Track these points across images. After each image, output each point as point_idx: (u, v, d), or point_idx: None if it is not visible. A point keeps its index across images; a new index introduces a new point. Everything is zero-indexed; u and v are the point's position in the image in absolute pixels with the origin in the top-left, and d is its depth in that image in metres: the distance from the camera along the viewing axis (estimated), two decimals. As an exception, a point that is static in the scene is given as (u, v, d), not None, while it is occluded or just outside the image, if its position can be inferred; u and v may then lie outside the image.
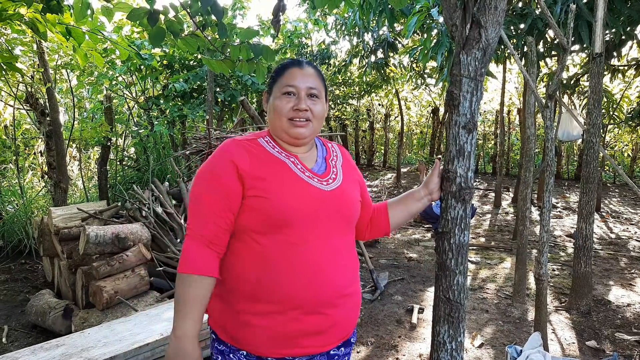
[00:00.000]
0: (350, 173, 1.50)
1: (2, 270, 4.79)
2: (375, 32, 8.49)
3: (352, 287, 1.39)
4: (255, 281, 1.28)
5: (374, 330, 3.59)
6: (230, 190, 1.29)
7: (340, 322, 1.36)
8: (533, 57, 3.66)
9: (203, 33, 2.39)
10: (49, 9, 2.59)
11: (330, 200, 1.35)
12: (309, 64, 1.43)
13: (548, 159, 2.94)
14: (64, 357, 2.00)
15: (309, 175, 1.36)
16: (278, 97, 1.38)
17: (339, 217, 1.36)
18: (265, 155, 1.36)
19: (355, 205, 1.43)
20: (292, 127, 1.36)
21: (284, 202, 1.27)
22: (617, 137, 13.62)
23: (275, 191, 1.28)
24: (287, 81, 1.37)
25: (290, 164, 1.36)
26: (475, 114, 1.57)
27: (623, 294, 4.39)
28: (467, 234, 1.62)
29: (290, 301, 1.27)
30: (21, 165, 6.88)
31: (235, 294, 1.32)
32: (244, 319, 1.30)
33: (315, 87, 1.39)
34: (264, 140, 1.41)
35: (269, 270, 1.27)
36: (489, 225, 7.53)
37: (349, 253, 1.41)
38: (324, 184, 1.37)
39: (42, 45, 5.35)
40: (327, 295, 1.31)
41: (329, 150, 1.53)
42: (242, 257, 1.31)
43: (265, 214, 1.27)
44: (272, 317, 1.28)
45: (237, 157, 1.31)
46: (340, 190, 1.39)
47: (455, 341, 1.64)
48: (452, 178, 1.60)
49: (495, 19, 1.50)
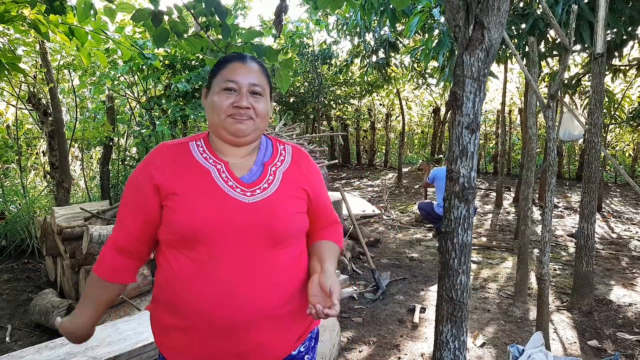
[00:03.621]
0: (295, 181, 1.34)
1: (5, 270, 4.81)
2: (377, 32, 8.49)
3: (286, 307, 1.26)
4: (172, 296, 1.24)
5: (375, 330, 3.60)
6: (146, 201, 1.25)
7: (268, 345, 1.25)
8: (534, 57, 3.66)
9: (206, 34, 2.40)
10: (52, 10, 2.61)
11: (251, 213, 1.22)
12: (253, 59, 1.33)
13: (550, 158, 2.94)
14: (69, 355, 2.02)
15: (232, 184, 1.25)
16: (217, 93, 1.27)
17: (261, 230, 1.22)
18: (189, 162, 1.28)
19: (285, 217, 1.26)
20: (232, 124, 1.26)
21: (194, 216, 1.19)
22: (619, 137, 13.61)
23: (186, 204, 1.21)
24: (228, 76, 1.27)
25: (214, 172, 1.26)
26: (478, 115, 1.58)
27: (624, 293, 4.39)
28: (470, 233, 1.63)
29: (203, 319, 1.20)
30: (24, 165, 6.89)
31: (160, 306, 1.29)
32: (164, 328, 1.28)
33: (258, 83, 1.28)
34: (196, 144, 1.33)
35: (182, 286, 1.21)
36: (491, 225, 7.54)
37: (288, 270, 1.27)
38: (248, 194, 1.24)
39: (44, 45, 5.36)
40: (245, 316, 1.20)
41: (276, 154, 1.38)
42: (162, 270, 1.27)
43: (175, 228, 1.20)
44: (189, 334, 1.22)
45: (157, 167, 1.26)
46: (268, 201, 1.25)
47: (458, 340, 1.65)
48: (455, 178, 1.61)
49: (498, 20, 1.51)
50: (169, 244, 1.24)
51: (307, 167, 1.40)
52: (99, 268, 1.30)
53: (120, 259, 1.30)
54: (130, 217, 1.28)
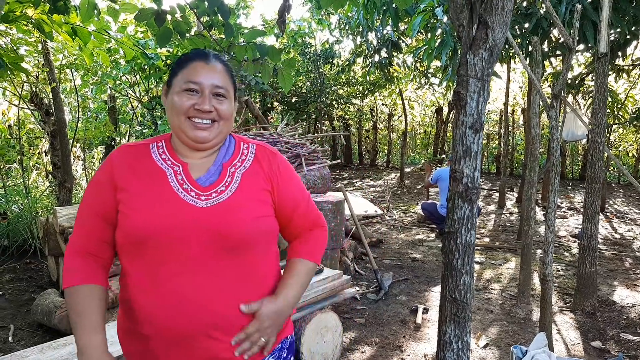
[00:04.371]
0: (256, 182, 1.26)
1: (8, 270, 4.81)
2: (379, 31, 8.49)
3: (242, 318, 1.19)
4: (126, 301, 1.20)
5: (378, 331, 3.59)
6: (103, 202, 1.20)
7: (226, 357, 1.18)
8: (538, 57, 3.65)
9: (209, 33, 2.40)
10: (56, 10, 2.61)
11: (203, 218, 1.15)
12: (216, 57, 1.26)
13: (553, 159, 2.93)
14: (72, 355, 2.01)
15: (187, 187, 1.19)
16: (178, 93, 1.20)
17: (214, 237, 1.15)
18: (147, 164, 1.23)
19: (241, 222, 1.17)
20: (193, 129, 1.20)
21: (145, 218, 1.14)
22: (622, 137, 13.59)
23: (136, 207, 1.16)
24: (190, 77, 1.20)
25: (170, 174, 1.21)
26: (482, 114, 1.57)
27: (628, 294, 4.38)
28: (474, 234, 1.62)
29: (156, 327, 1.15)
30: (26, 165, 6.91)
31: (121, 310, 1.24)
32: (124, 333, 1.23)
33: (222, 85, 1.22)
34: (156, 145, 1.27)
35: (134, 293, 1.17)
36: (493, 226, 7.52)
37: (240, 279, 1.19)
38: (203, 198, 1.18)
39: (47, 45, 5.37)
40: (196, 325, 1.14)
41: (237, 154, 1.30)
42: (121, 275, 1.23)
43: (126, 231, 1.15)
44: (146, 341, 1.17)
45: (115, 167, 1.22)
46: (223, 205, 1.18)
47: (461, 341, 1.64)
48: (458, 178, 1.60)
49: (502, 20, 1.50)
50: (122, 249, 1.19)
51: (271, 166, 1.30)
52: (72, 278, 1.20)
53: (86, 262, 1.23)
54: (89, 220, 1.23)
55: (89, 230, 1.23)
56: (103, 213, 1.20)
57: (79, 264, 1.22)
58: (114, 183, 1.19)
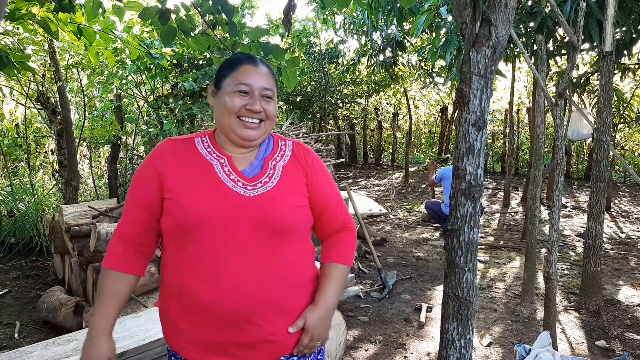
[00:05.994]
0: (295, 175, 1.36)
1: (14, 267, 4.85)
2: (384, 30, 8.48)
3: (288, 300, 1.30)
4: (178, 286, 1.27)
5: (381, 329, 3.59)
6: (148, 192, 1.29)
7: (272, 338, 1.28)
8: (543, 56, 3.64)
9: (213, 32, 2.41)
10: (61, 8, 2.63)
11: (250, 207, 1.24)
12: (262, 62, 1.36)
13: (558, 157, 2.93)
14: (76, 352, 2.03)
15: (234, 178, 1.29)
16: (229, 94, 1.29)
17: (261, 225, 1.24)
18: (194, 156, 1.32)
19: (284, 210, 1.27)
20: (242, 128, 1.29)
21: (196, 206, 1.22)
22: (628, 136, 13.49)
23: (189, 195, 1.24)
24: (241, 79, 1.29)
25: (217, 166, 1.30)
26: (485, 112, 1.58)
27: (633, 293, 4.36)
28: (477, 231, 1.62)
29: (207, 312, 1.24)
30: (32, 164, 6.95)
31: (167, 297, 1.32)
32: (174, 321, 1.30)
33: (269, 87, 1.32)
34: (201, 139, 1.37)
35: (186, 278, 1.25)
36: (498, 225, 7.50)
37: (287, 263, 1.29)
38: (249, 188, 1.27)
39: (53, 44, 5.40)
40: (247, 308, 1.23)
41: (276, 149, 1.40)
42: (168, 262, 1.31)
43: (177, 219, 1.23)
44: (194, 325, 1.26)
45: (161, 159, 1.31)
46: (268, 195, 1.27)
47: (464, 338, 1.65)
48: (461, 175, 1.60)
49: (506, 17, 1.50)
50: (172, 236, 1.27)
51: (307, 161, 1.40)
52: (109, 261, 1.31)
53: (128, 250, 1.32)
54: (134, 209, 1.32)
55: (133, 219, 1.32)
56: (147, 203, 1.29)
57: (120, 251, 1.32)
58: (160, 174, 1.28)
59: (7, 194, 6.14)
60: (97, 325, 1.28)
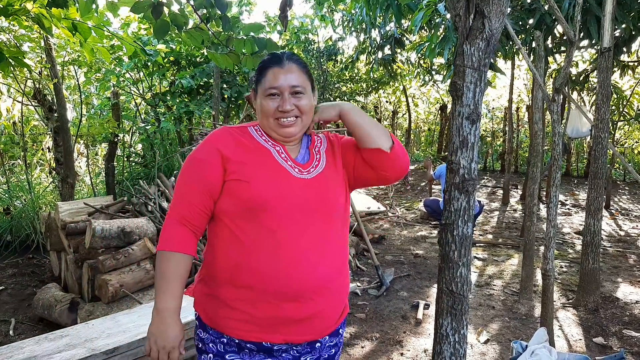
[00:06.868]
0: (335, 159, 1.48)
1: (10, 265, 4.84)
2: (382, 28, 8.45)
3: (338, 279, 1.39)
4: (234, 265, 1.32)
5: (379, 326, 3.58)
6: (211, 174, 1.33)
7: (323, 313, 1.37)
8: (541, 52, 3.62)
9: (207, 26, 2.39)
10: (55, 3, 2.60)
11: (311, 187, 1.36)
12: (289, 58, 1.40)
13: (554, 153, 2.91)
14: (68, 347, 2.01)
15: (291, 164, 1.39)
16: (263, 99, 1.38)
17: (320, 204, 1.36)
18: (252, 142, 1.40)
19: (335, 191, 1.41)
20: (280, 128, 1.38)
21: (263, 186, 1.30)
22: (627, 134, 13.46)
23: (256, 176, 1.32)
24: (270, 83, 1.37)
25: (274, 153, 1.39)
26: (479, 105, 1.56)
27: (631, 291, 4.34)
28: (471, 225, 1.61)
29: (268, 287, 1.30)
30: (29, 161, 6.94)
31: (216, 278, 1.37)
32: (224, 302, 1.34)
33: (298, 84, 1.38)
34: (254, 128, 1.45)
35: (247, 255, 1.31)
36: (497, 222, 7.49)
37: (336, 243, 1.40)
38: (305, 173, 1.38)
39: (49, 41, 5.38)
40: (308, 284, 1.32)
41: (314, 138, 1.53)
42: (222, 242, 1.36)
43: (244, 198, 1.30)
44: (250, 302, 1.31)
45: (223, 143, 1.36)
46: (322, 176, 1.40)
47: (458, 333, 1.63)
48: (455, 169, 1.59)
49: (499, 9, 1.49)
50: (233, 215, 1.32)
51: (338, 140, 1.54)
52: (171, 243, 1.33)
53: (184, 231, 1.35)
54: (192, 192, 1.35)
55: (192, 201, 1.35)
56: (208, 185, 1.34)
57: (176, 232, 1.35)
58: (224, 156, 1.34)
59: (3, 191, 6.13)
60: (169, 307, 1.31)
